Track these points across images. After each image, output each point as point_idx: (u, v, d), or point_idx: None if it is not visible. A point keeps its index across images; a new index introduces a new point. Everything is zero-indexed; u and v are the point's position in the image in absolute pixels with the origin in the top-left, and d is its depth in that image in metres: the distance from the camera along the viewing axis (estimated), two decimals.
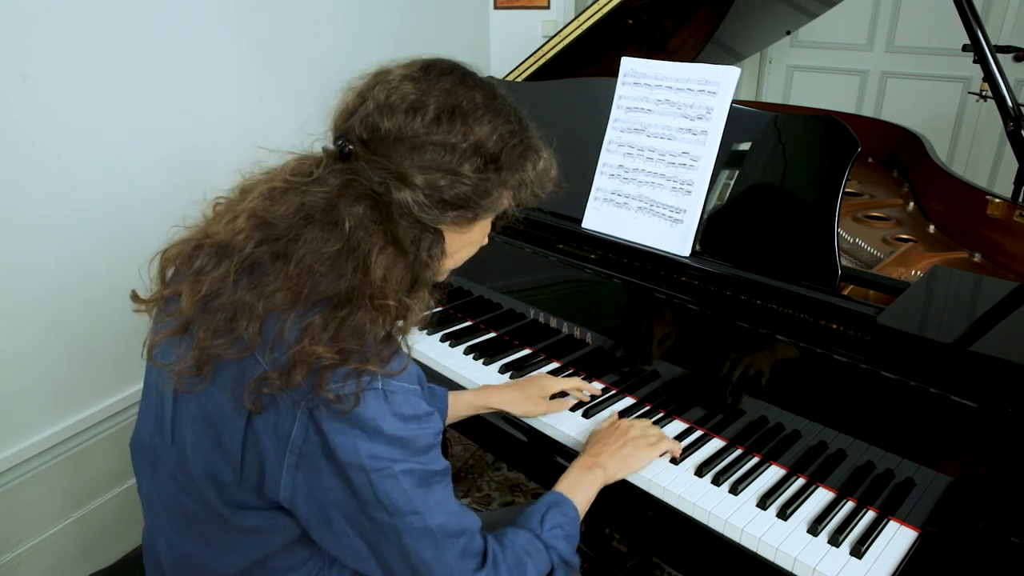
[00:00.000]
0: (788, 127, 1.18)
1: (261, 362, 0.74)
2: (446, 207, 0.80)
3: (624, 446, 1.09)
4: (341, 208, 0.76)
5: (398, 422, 0.76)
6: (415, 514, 0.77)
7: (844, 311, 1.03)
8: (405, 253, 0.79)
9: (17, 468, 1.65)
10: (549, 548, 0.91)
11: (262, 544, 0.83)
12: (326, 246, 0.75)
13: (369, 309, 0.75)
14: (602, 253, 1.31)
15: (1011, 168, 1.68)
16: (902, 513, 0.97)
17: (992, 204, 1.39)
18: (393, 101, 0.79)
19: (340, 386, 0.73)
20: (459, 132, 0.79)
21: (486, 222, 0.89)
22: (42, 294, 1.62)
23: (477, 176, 0.80)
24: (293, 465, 0.76)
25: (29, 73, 1.51)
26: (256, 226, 0.78)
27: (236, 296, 0.76)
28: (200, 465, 0.81)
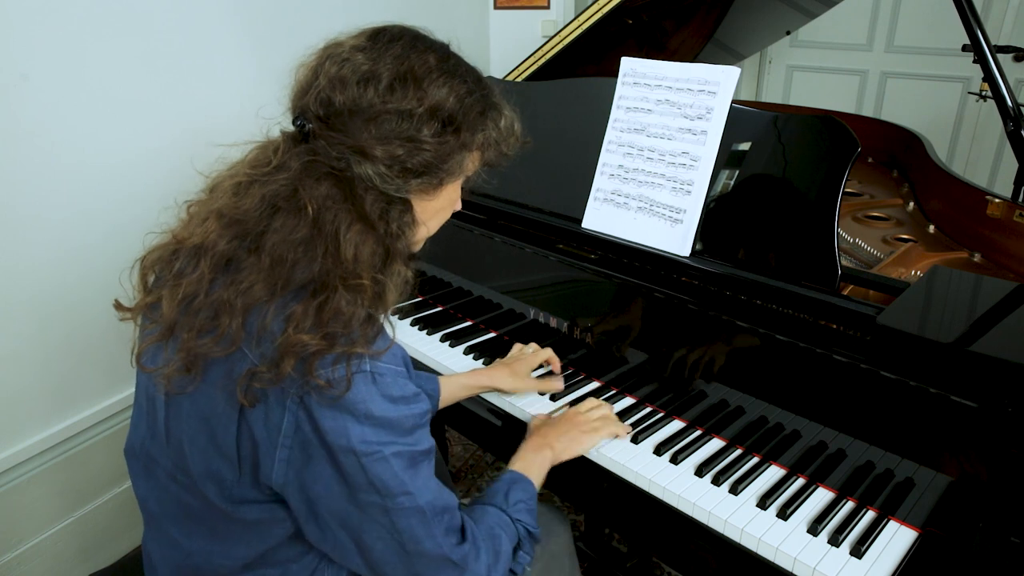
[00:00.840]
0: (788, 127, 1.18)
1: (249, 356, 0.75)
2: (409, 175, 0.80)
3: (570, 429, 1.13)
4: (303, 192, 0.76)
5: (387, 404, 0.77)
6: (406, 494, 0.78)
7: (844, 311, 1.03)
8: (374, 228, 0.79)
9: (17, 468, 1.65)
10: (516, 521, 0.95)
11: (265, 536, 0.84)
12: (294, 233, 0.75)
13: (346, 291, 0.75)
14: (602, 253, 1.31)
15: (1011, 168, 1.68)
16: (902, 513, 0.97)
17: (992, 204, 1.39)
18: (345, 74, 0.78)
19: (329, 371, 0.73)
20: (414, 98, 0.78)
21: (454, 186, 0.88)
22: (42, 294, 1.62)
23: (436, 140, 0.80)
24: (285, 459, 0.77)
25: (29, 73, 1.51)
26: (226, 224, 0.78)
27: (215, 295, 0.76)
28: (199, 464, 0.81)
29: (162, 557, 0.92)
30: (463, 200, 0.97)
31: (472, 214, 1.50)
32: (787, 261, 1.13)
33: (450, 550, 0.83)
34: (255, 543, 0.84)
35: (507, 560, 0.91)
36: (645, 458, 1.11)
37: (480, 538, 0.88)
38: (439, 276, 1.58)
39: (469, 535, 0.86)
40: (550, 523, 1.21)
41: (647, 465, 1.09)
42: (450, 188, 0.87)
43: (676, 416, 1.21)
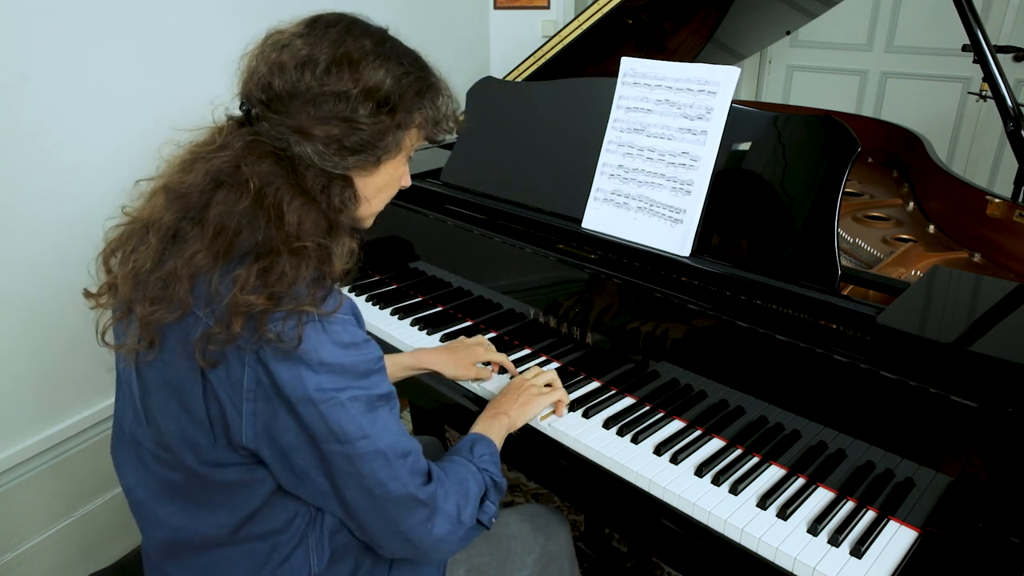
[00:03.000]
0: (788, 127, 1.18)
1: (202, 319, 0.78)
2: (346, 153, 0.84)
3: (520, 397, 1.18)
4: (245, 168, 0.80)
5: (339, 350, 0.80)
6: (365, 438, 0.82)
7: (844, 311, 1.03)
8: (316, 201, 0.83)
9: (17, 468, 1.65)
10: (482, 471, 0.99)
11: (247, 498, 0.87)
12: (237, 205, 0.79)
13: (290, 255, 0.78)
14: (602, 253, 1.31)
15: (1011, 168, 1.68)
16: (902, 513, 0.98)
17: (992, 204, 1.39)
18: (284, 59, 0.82)
19: (279, 325, 0.76)
20: (350, 80, 0.82)
21: (395, 164, 0.91)
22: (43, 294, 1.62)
23: (371, 120, 0.83)
24: (251, 412, 0.80)
25: (29, 73, 1.51)
26: (172, 199, 0.82)
27: (164, 266, 0.80)
28: (174, 432, 0.84)
29: (151, 539, 0.94)
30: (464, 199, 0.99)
31: (472, 214, 1.50)
32: (787, 261, 1.13)
33: (416, 489, 0.86)
34: (239, 506, 0.87)
35: (475, 504, 0.95)
36: (645, 458, 1.11)
37: (448, 481, 0.92)
38: (439, 276, 1.58)
39: (435, 477, 0.90)
40: (549, 523, 1.21)
41: (647, 465, 1.10)
42: (390, 166, 0.90)
43: (676, 416, 1.21)
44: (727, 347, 1.13)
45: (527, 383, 1.22)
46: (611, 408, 1.24)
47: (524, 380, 1.23)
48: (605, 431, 1.18)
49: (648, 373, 1.25)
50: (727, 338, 1.12)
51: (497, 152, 1.53)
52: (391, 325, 1.54)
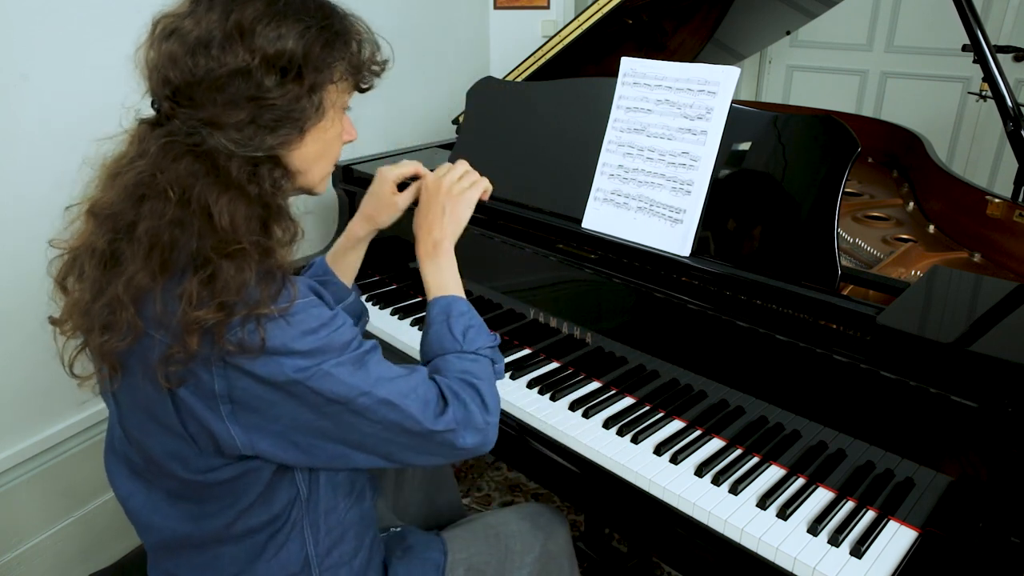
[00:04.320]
0: (788, 127, 1.18)
1: (156, 338, 0.76)
2: (264, 133, 0.78)
3: (444, 209, 1.07)
4: (163, 175, 0.75)
5: (309, 336, 0.77)
6: (364, 395, 0.80)
7: (844, 311, 1.03)
8: (245, 192, 0.77)
9: (17, 468, 1.65)
10: (478, 353, 0.95)
11: (247, 489, 0.85)
12: (163, 216, 0.75)
13: (228, 260, 0.74)
14: (602, 253, 1.31)
15: (1011, 168, 1.68)
16: (902, 513, 0.98)
17: (992, 204, 1.39)
18: (173, 49, 0.76)
19: (238, 334, 0.73)
20: (246, 53, 0.75)
21: (323, 127, 0.84)
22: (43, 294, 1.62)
23: (280, 92, 0.77)
24: (231, 413, 0.78)
25: (29, 73, 1.51)
26: (100, 222, 0.78)
27: (106, 293, 0.77)
28: (158, 448, 0.83)
29: (149, 542, 0.94)
30: None
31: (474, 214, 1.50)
32: (787, 261, 1.13)
33: (433, 423, 0.84)
34: (240, 499, 0.86)
35: (491, 392, 0.93)
36: (645, 458, 1.11)
37: (459, 390, 0.89)
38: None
39: (450, 397, 0.88)
40: (549, 523, 1.21)
41: (647, 465, 1.10)
42: (318, 131, 0.84)
43: (676, 416, 1.21)
44: (727, 347, 1.13)
45: (441, 185, 1.08)
46: (611, 408, 1.24)
47: (437, 181, 1.09)
48: (605, 431, 1.17)
49: (648, 373, 1.25)
50: (727, 338, 1.12)
51: (497, 152, 1.53)
52: (391, 325, 1.54)
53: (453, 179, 1.09)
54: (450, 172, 1.10)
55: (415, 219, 1.10)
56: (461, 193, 1.08)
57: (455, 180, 1.09)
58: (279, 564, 0.90)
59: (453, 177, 1.09)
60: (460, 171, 1.11)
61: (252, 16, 0.76)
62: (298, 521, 0.91)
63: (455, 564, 1.10)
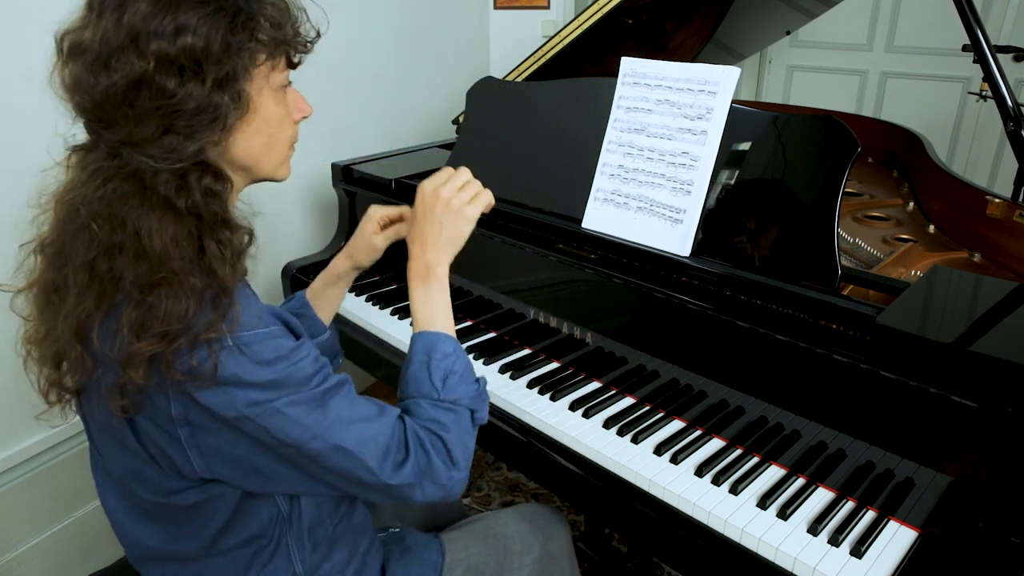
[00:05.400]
0: (788, 127, 1.18)
1: (110, 370, 0.73)
2: (182, 140, 0.71)
3: (440, 225, 0.96)
4: (87, 205, 0.71)
5: (264, 368, 0.73)
6: (315, 439, 0.76)
7: (844, 311, 1.03)
8: (174, 209, 0.72)
9: (17, 468, 1.65)
10: (456, 403, 0.88)
11: (212, 515, 0.83)
12: (93, 247, 0.71)
13: (166, 287, 0.70)
14: (602, 253, 1.31)
15: (1011, 168, 1.68)
16: (902, 513, 0.98)
17: (992, 204, 1.39)
18: (77, 71, 0.70)
19: (188, 361, 0.70)
20: (140, 60, 0.68)
21: (255, 116, 0.77)
22: None
23: (184, 93, 0.69)
24: (190, 436, 0.75)
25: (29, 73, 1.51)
26: (45, 258, 0.77)
27: (53, 330, 0.75)
28: (119, 468, 0.83)
29: (133, 556, 0.95)
30: None
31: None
32: (787, 261, 1.13)
33: (389, 477, 0.79)
34: (207, 524, 0.84)
35: (461, 445, 0.86)
36: (645, 458, 1.11)
37: (425, 440, 0.83)
38: None
39: (412, 444, 0.82)
40: (549, 524, 1.21)
41: (647, 465, 1.10)
42: (250, 120, 0.77)
43: (676, 416, 1.21)
44: (727, 347, 1.13)
45: (439, 196, 0.96)
46: (611, 408, 1.24)
47: (435, 192, 0.97)
48: (605, 431, 1.17)
49: (648, 373, 1.25)
50: (727, 338, 1.12)
51: (497, 152, 1.53)
52: (391, 325, 1.54)
53: (453, 190, 0.97)
54: (450, 181, 0.98)
55: (409, 232, 1.01)
56: (461, 207, 0.97)
57: (455, 191, 0.97)
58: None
59: (453, 188, 0.97)
60: (461, 180, 0.99)
61: (142, 15, 0.68)
62: (282, 538, 0.89)
63: (453, 564, 1.10)
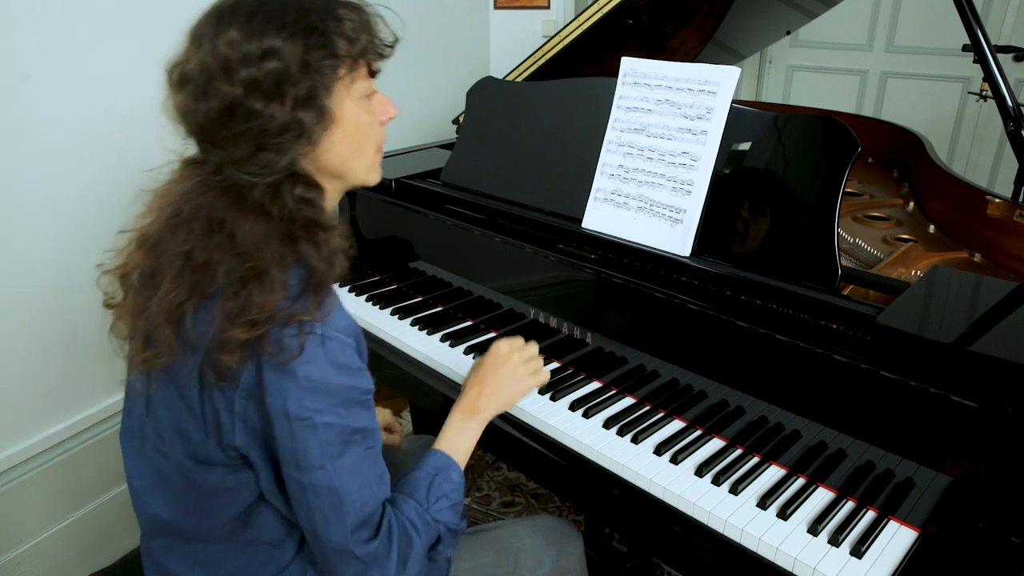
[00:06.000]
0: (788, 127, 1.18)
1: (197, 353, 0.79)
2: (276, 156, 0.78)
3: (500, 382, 1.10)
4: (190, 205, 0.80)
5: (331, 368, 0.79)
6: (321, 469, 0.80)
7: (844, 311, 1.03)
8: (269, 215, 0.80)
9: (17, 468, 1.65)
10: (436, 521, 0.93)
11: (228, 504, 0.87)
12: (193, 242, 0.79)
13: (256, 282, 0.77)
14: (602, 253, 1.31)
15: (1011, 168, 1.68)
16: (902, 513, 0.98)
17: (992, 204, 1.39)
18: (184, 100, 0.79)
19: (279, 335, 0.76)
20: (230, 87, 0.76)
21: (343, 124, 0.83)
22: (41, 294, 1.62)
23: (269, 114, 0.77)
24: (243, 410, 0.80)
25: (30, 73, 1.51)
26: (143, 247, 0.83)
27: (147, 311, 0.81)
28: (168, 422, 0.86)
29: (143, 526, 0.97)
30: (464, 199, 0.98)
31: (472, 214, 1.50)
32: (787, 261, 1.13)
33: (355, 545, 0.83)
34: (220, 512, 0.88)
35: (419, 561, 0.89)
36: (645, 458, 1.11)
37: (394, 536, 0.87)
38: (439, 276, 1.58)
39: (384, 531, 0.86)
40: (563, 539, 1.20)
41: (647, 465, 1.09)
42: (338, 130, 0.83)
43: (676, 416, 1.21)
44: (727, 347, 1.13)
45: (511, 359, 1.11)
46: (611, 408, 1.24)
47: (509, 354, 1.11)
48: (605, 431, 1.18)
49: (648, 373, 1.25)
50: (727, 338, 1.12)
51: (497, 152, 1.53)
52: (391, 325, 1.54)
53: (523, 358, 1.13)
54: (524, 350, 1.14)
55: (471, 370, 1.14)
56: (524, 376, 1.12)
57: (524, 360, 1.13)
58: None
59: (524, 356, 1.13)
60: (531, 352, 1.15)
61: (232, 43, 0.76)
62: (301, 550, 0.92)
63: (459, 572, 1.09)
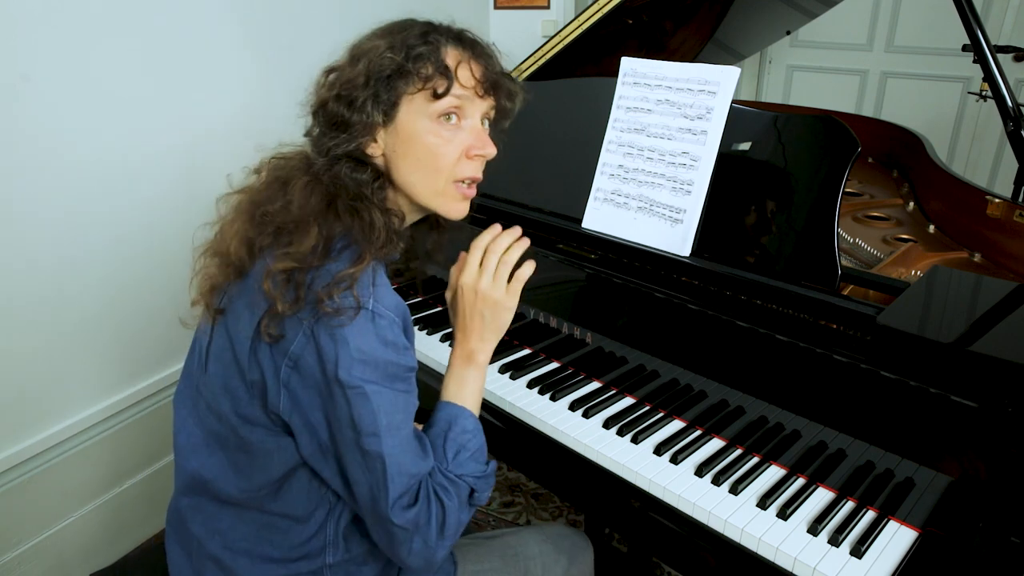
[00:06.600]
0: (788, 127, 1.18)
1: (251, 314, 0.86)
2: (344, 138, 0.89)
3: (483, 317, 0.99)
4: (280, 171, 0.93)
5: (378, 343, 0.83)
6: (374, 436, 0.83)
7: (844, 311, 1.03)
8: (319, 181, 0.90)
9: (17, 468, 1.65)
10: (460, 477, 0.92)
11: (266, 466, 0.91)
12: (271, 195, 0.91)
13: (296, 230, 0.86)
14: (602, 253, 1.31)
15: (1011, 168, 1.68)
16: (902, 513, 0.98)
17: (992, 204, 1.39)
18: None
19: (336, 301, 0.81)
20: (355, 72, 0.90)
21: (402, 132, 0.91)
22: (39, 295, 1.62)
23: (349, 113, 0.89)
24: (288, 377, 0.84)
25: (30, 73, 1.51)
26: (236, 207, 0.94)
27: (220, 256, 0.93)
28: (219, 378, 0.91)
29: (178, 479, 1.00)
30: None
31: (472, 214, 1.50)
32: (787, 261, 1.13)
33: (395, 515, 0.85)
34: (257, 473, 0.91)
35: (455, 520, 0.90)
36: (645, 458, 1.11)
37: (432, 503, 0.88)
38: (439, 276, 1.58)
39: (422, 499, 0.87)
40: (573, 548, 1.20)
41: (647, 465, 1.09)
42: (400, 135, 0.91)
43: (676, 416, 1.21)
44: (727, 347, 1.13)
45: (477, 291, 0.99)
46: (611, 408, 1.24)
47: (472, 289, 0.99)
48: (605, 431, 1.17)
49: (648, 373, 1.25)
50: (727, 338, 1.12)
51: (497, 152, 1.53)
52: None
53: (489, 281, 0.99)
54: (483, 275, 0.99)
55: (449, 314, 1.06)
56: (501, 299, 0.99)
57: (491, 282, 0.99)
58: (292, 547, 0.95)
59: (488, 279, 0.99)
60: (492, 265, 0.99)
61: (362, 44, 0.92)
62: (323, 528, 0.94)
63: (466, 575, 1.09)
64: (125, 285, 1.76)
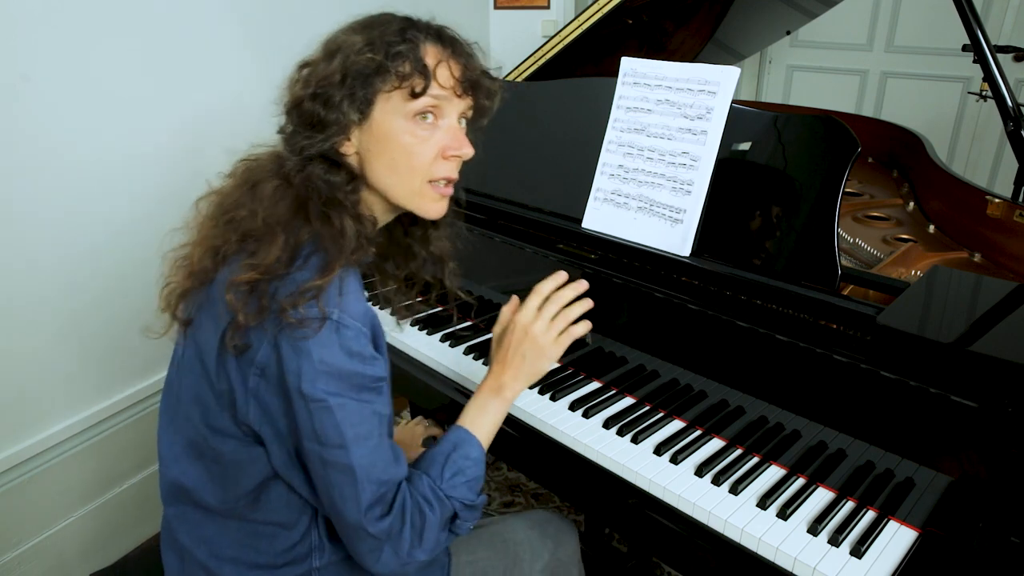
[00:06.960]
0: (788, 127, 1.18)
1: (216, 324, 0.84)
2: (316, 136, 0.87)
3: (524, 357, 1.01)
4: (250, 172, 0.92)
5: (343, 355, 0.81)
6: (341, 448, 0.82)
7: (844, 311, 1.03)
8: (290, 185, 0.88)
9: (17, 468, 1.65)
10: (449, 498, 0.92)
11: (240, 477, 0.89)
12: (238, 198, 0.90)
13: (264, 236, 0.84)
14: (602, 253, 1.31)
15: (1011, 168, 1.68)
16: (902, 513, 0.98)
17: (992, 204, 1.39)
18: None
19: (301, 311, 0.79)
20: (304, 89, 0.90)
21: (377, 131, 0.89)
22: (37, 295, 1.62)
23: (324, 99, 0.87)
24: (257, 387, 0.83)
25: (29, 73, 1.51)
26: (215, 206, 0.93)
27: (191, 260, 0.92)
28: (190, 388, 0.90)
29: (162, 487, 0.99)
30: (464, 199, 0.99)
31: (472, 214, 1.50)
32: (787, 261, 1.13)
33: (369, 523, 0.84)
34: (232, 485, 0.90)
35: (435, 535, 0.90)
36: (645, 458, 1.11)
37: (407, 512, 0.87)
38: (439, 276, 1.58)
39: (396, 508, 0.86)
40: (559, 532, 1.20)
41: (647, 465, 1.09)
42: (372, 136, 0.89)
43: (676, 416, 1.21)
44: (727, 347, 1.13)
45: (528, 332, 1.01)
46: (611, 408, 1.24)
47: (525, 328, 1.01)
48: (605, 431, 1.17)
49: (648, 373, 1.25)
50: (727, 338, 1.12)
51: (497, 152, 1.53)
52: (390, 325, 1.53)
53: (543, 327, 1.01)
54: (539, 318, 1.02)
55: (493, 346, 1.07)
56: (547, 347, 1.01)
57: (545, 328, 1.01)
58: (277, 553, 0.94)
59: (543, 325, 1.01)
60: (550, 314, 1.02)
61: (336, 39, 0.91)
62: (308, 533, 0.94)
63: (459, 565, 1.09)
64: (127, 285, 1.76)
